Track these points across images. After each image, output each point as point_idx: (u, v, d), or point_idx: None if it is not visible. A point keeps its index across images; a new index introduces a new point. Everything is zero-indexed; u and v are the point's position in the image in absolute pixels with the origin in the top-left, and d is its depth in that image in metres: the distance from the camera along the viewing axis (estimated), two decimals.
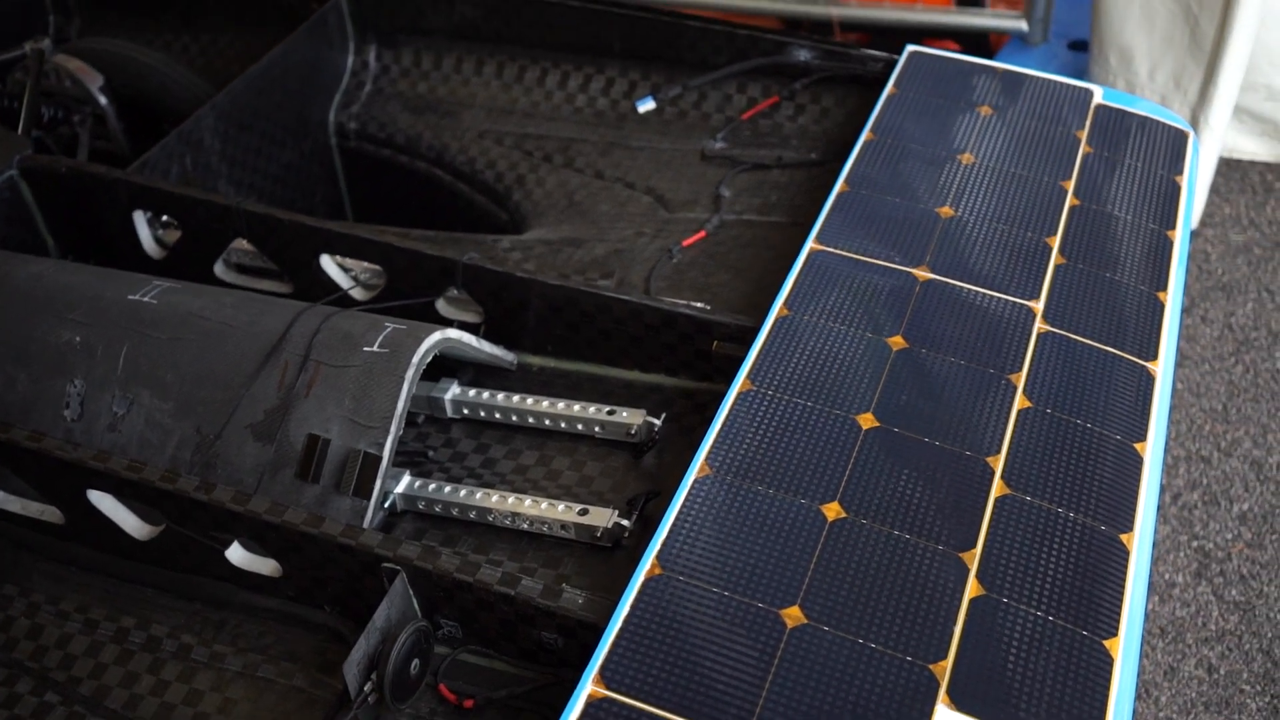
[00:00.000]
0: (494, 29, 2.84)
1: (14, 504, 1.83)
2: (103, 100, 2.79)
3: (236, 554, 1.66)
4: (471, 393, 1.92)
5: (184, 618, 1.69)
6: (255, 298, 1.92)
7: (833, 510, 1.49)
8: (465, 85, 2.88)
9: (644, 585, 1.40)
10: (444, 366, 1.93)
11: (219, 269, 2.24)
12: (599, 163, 2.61)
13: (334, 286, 2.12)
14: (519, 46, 2.85)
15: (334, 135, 2.95)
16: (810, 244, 1.91)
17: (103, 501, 1.71)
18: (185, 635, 1.66)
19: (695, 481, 1.52)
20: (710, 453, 1.55)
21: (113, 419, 1.85)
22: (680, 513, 1.48)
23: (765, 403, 1.63)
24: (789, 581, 1.40)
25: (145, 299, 1.91)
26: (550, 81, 2.81)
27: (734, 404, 1.62)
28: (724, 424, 1.59)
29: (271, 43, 2.98)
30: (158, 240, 2.30)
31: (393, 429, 1.72)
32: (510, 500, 1.71)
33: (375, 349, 1.76)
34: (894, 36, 3.76)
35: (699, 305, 1.90)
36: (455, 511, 1.74)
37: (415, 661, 1.49)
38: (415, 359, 1.75)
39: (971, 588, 1.40)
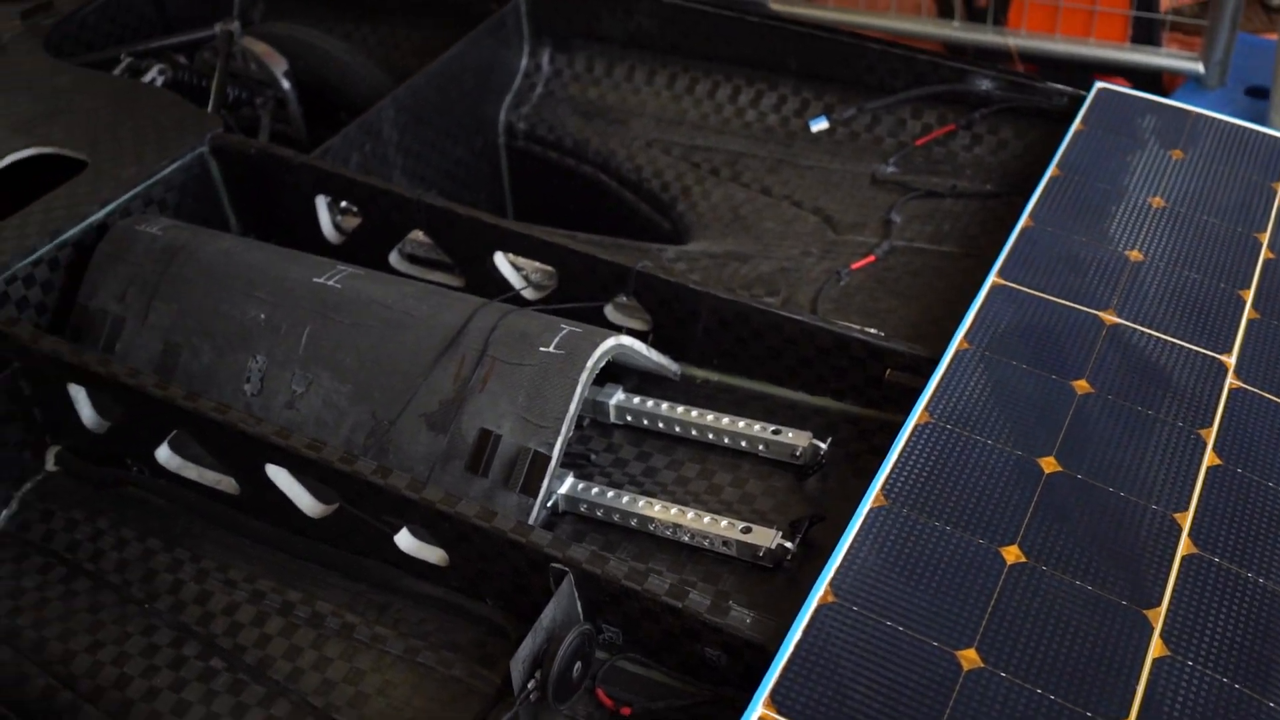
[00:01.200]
0: (669, 39, 2.86)
1: (192, 471, 1.89)
2: (285, 85, 2.87)
3: (405, 540, 1.69)
4: (636, 400, 1.93)
5: (348, 597, 1.72)
6: (435, 290, 1.96)
7: (1012, 553, 1.46)
8: (636, 93, 2.90)
9: (817, 612, 1.39)
10: (607, 371, 1.94)
11: (393, 258, 2.29)
12: (766, 179, 2.60)
13: (505, 284, 2.15)
14: (693, 58, 2.86)
15: (503, 134, 2.99)
16: (993, 278, 1.88)
17: (279, 476, 1.75)
18: (349, 614, 1.70)
19: (870, 511, 1.50)
20: (886, 483, 1.54)
21: (291, 397, 1.90)
22: (855, 542, 1.46)
23: (943, 437, 1.60)
24: (965, 623, 1.38)
25: (330, 283, 1.95)
26: (721, 95, 2.81)
27: (911, 435, 1.60)
28: (900, 455, 1.57)
29: (448, 39, 3.04)
30: (336, 226, 2.35)
31: (563, 430, 1.73)
32: (673, 511, 1.71)
33: (551, 350, 1.78)
34: (1064, 70, 3.68)
35: (872, 331, 1.88)
36: (616, 517, 1.75)
37: (578, 664, 1.50)
38: (590, 363, 1.76)
39: (1155, 647, 1.36)
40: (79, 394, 1.91)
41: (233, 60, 2.86)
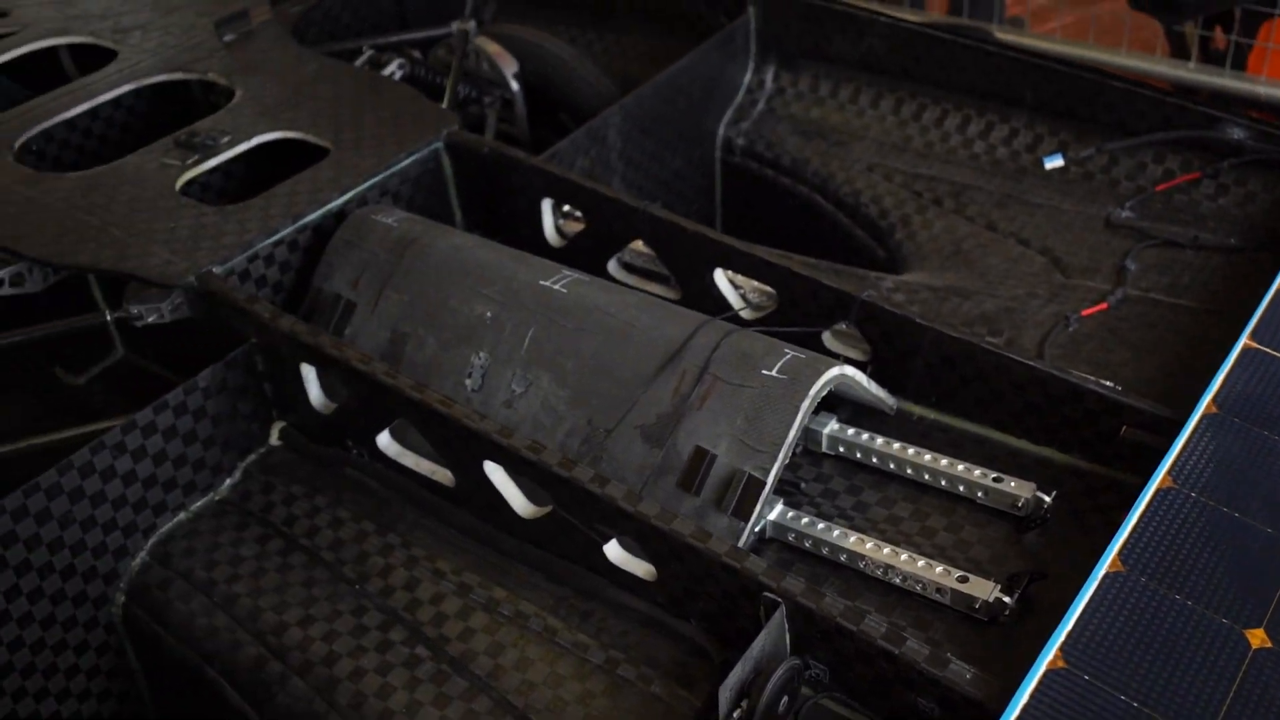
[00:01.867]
0: (899, 64, 2.81)
1: (410, 459, 1.93)
2: (514, 86, 2.92)
3: (615, 551, 1.70)
4: (850, 431, 1.89)
5: (552, 600, 1.74)
6: (658, 302, 1.96)
7: (1257, 637, 1.37)
8: (860, 116, 2.86)
9: (1046, 676, 1.33)
10: (820, 399, 1.91)
11: (612, 266, 2.30)
12: (992, 214, 2.53)
13: (722, 301, 2.14)
14: (922, 84, 2.80)
15: (720, 149, 2.99)
16: (1245, 340, 1.78)
17: (496, 474, 1.78)
18: (551, 618, 1.71)
19: (1106, 576, 1.43)
20: (1124, 548, 1.46)
21: (510, 396, 1.93)
22: (1089, 606, 1.40)
23: (1188, 505, 1.52)
24: (1204, 707, 1.30)
25: (556, 286, 1.98)
26: (950, 124, 2.75)
27: (1152, 500, 1.53)
28: (1140, 519, 1.50)
29: (672, 49, 3.06)
30: (558, 229, 2.38)
31: (781, 456, 1.71)
32: (885, 551, 1.67)
33: (774, 374, 1.76)
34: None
35: (1109, 384, 1.80)
36: (825, 551, 1.71)
37: (784, 698, 1.48)
38: (813, 391, 1.73)
39: None
40: (309, 374, 1.98)
41: (465, 59, 2.93)
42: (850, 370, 1.81)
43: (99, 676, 1.95)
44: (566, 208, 2.39)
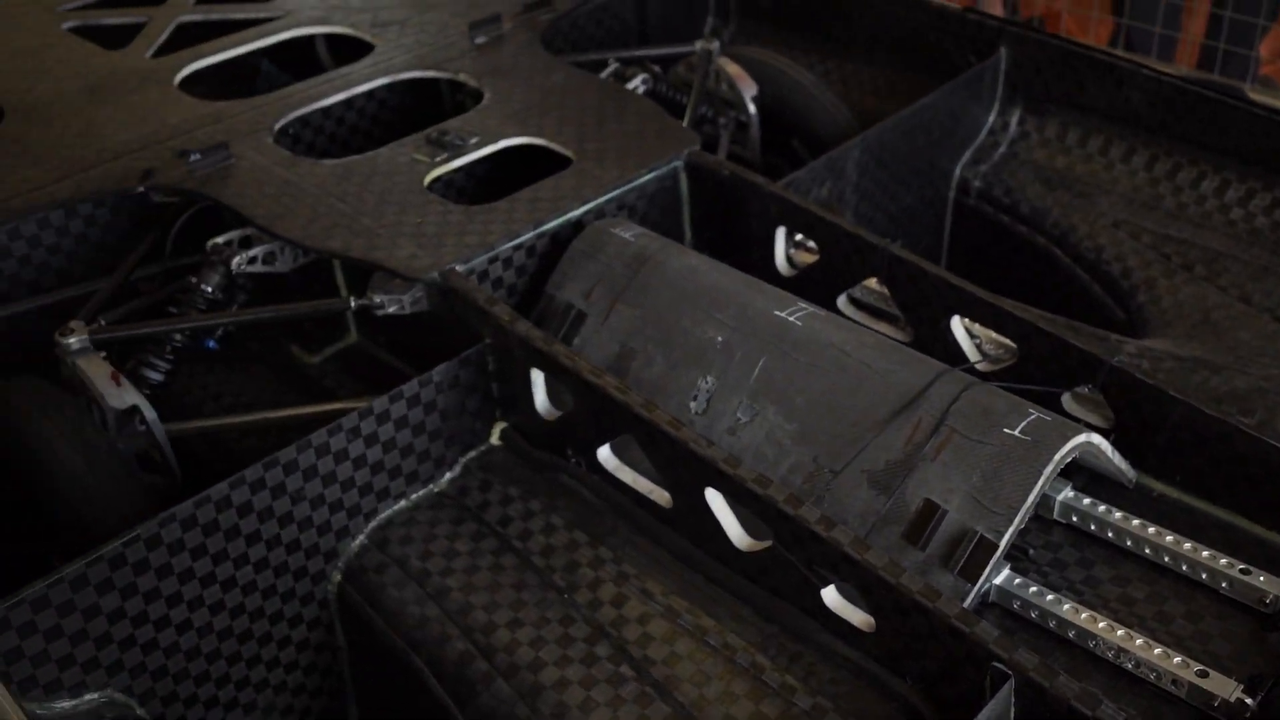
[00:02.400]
0: (1157, 119, 2.68)
1: (628, 475, 1.93)
2: (752, 109, 2.91)
3: (833, 596, 1.66)
4: (1085, 501, 1.81)
5: (761, 637, 1.71)
6: (896, 346, 1.91)
7: None
8: (1109, 169, 2.75)
9: None
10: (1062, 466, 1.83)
11: (841, 301, 2.27)
12: (1248, 286, 2.39)
13: (956, 349, 2.08)
14: (1179, 142, 2.67)
15: (955, 189, 2.91)
16: None
17: (716, 501, 1.76)
18: (759, 655, 1.68)
19: None
20: None
21: (734, 424, 1.91)
22: None
23: None
24: None
25: (791, 318, 1.95)
26: (1206, 186, 2.61)
27: None
28: None
29: (915, 84, 3.00)
30: (789, 258, 2.36)
31: (1016, 520, 1.64)
32: (1119, 633, 1.58)
33: (1016, 433, 1.69)
34: None
35: None
36: (1052, 624, 1.64)
37: None
38: (1057, 456, 1.66)
39: None
40: (538, 379, 2.00)
41: (706, 78, 2.93)
42: (1097, 439, 1.73)
43: (307, 650, 2.01)
44: (799, 237, 2.36)
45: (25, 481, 2.02)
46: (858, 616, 1.64)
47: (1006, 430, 1.70)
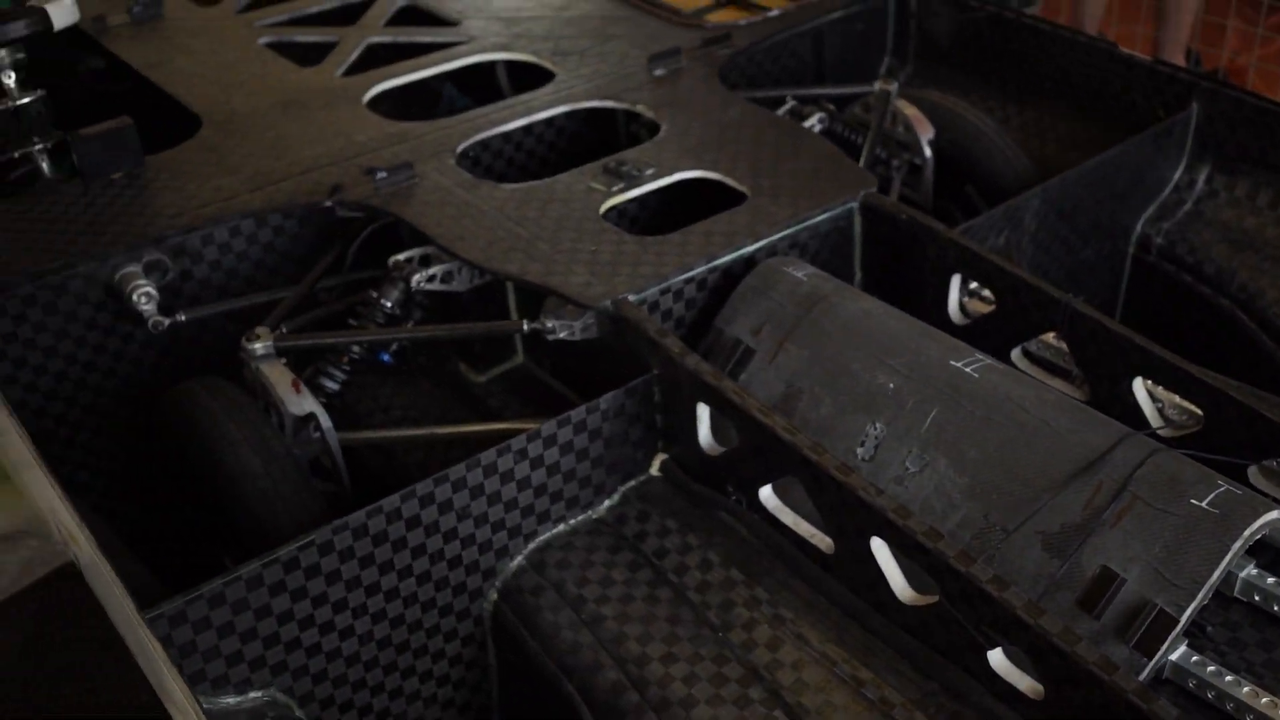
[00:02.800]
0: None
1: (789, 516, 1.91)
2: (927, 153, 2.87)
3: (999, 659, 1.61)
4: (1270, 580, 1.72)
5: (919, 694, 1.67)
6: (1077, 405, 1.86)
7: None
8: None
9: None
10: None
11: (1015, 354, 2.21)
12: None
13: (1136, 411, 2.01)
14: None
15: (1134, 245, 2.83)
16: None
17: (881, 551, 1.73)
18: (918, 712, 1.64)
19: None
20: None
21: (902, 473, 1.88)
22: None
23: None
24: None
25: (966, 369, 1.91)
26: None
27: None
28: None
29: (1097, 135, 2.92)
30: (961, 307, 2.31)
31: (1199, 595, 1.58)
32: None
33: (1204, 505, 1.62)
34: None
35: None
36: (1229, 706, 1.57)
37: None
38: (1246, 532, 1.59)
39: None
40: (703, 413, 2.00)
41: (883, 120, 2.90)
42: None
43: (459, 665, 2.03)
44: (974, 285, 2.32)
45: (206, 479, 2.10)
46: (1025, 682, 1.59)
47: (1193, 501, 1.63)
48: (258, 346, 2.18)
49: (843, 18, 3.27)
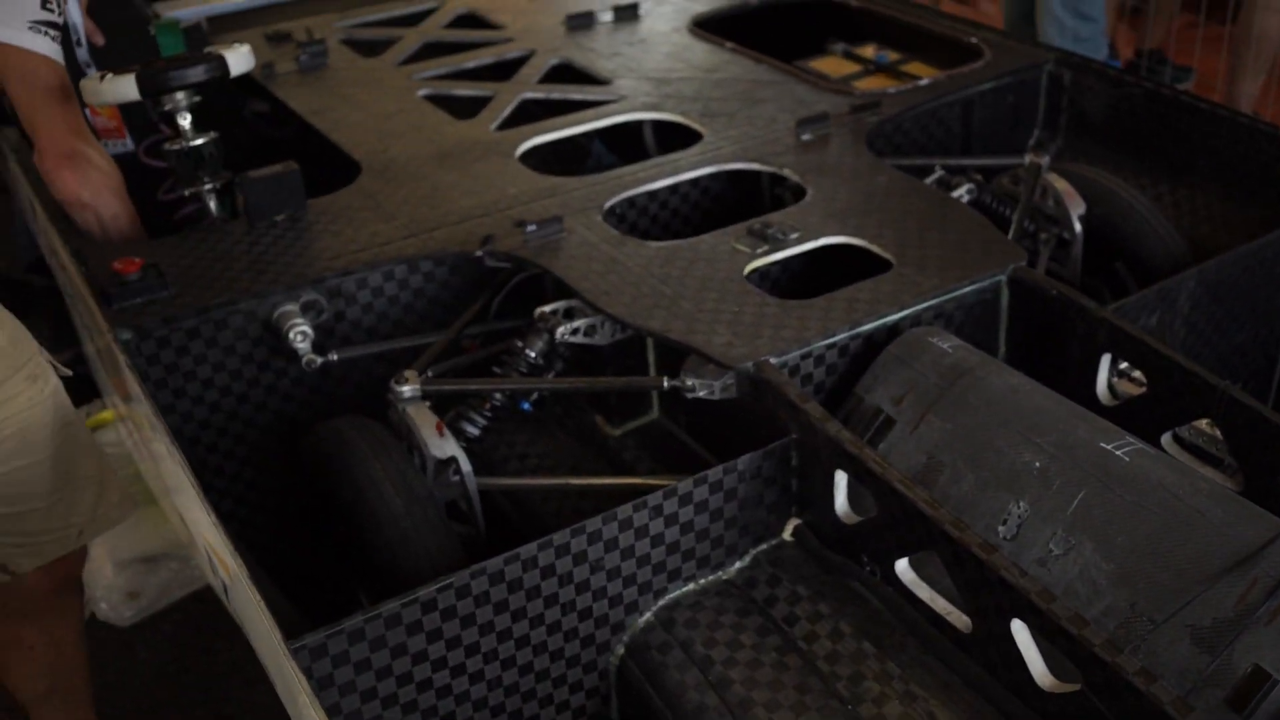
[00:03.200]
0: None
1: (925, 591, 1.88)
2: (1077, 228, 2.82)
3: None
4: None
5: None
6: (1233, 496, 1.80)
7: None
8: None
9: None
10: None
11: (1165, 439, 2.15)
12: None
13: None
14: None
15: None
16: None
17: (1022, 634, 1.69)
18: None
19: None
20: None
21: (1045, 555, 1.83)
22: None
23: None
24: None
25: (1117, 451, 1.87)
26: None
27: None
28: None
29: (1257, 219, 2.85)
30: (1110, 387, 2.26)
31: None
32: None
33: None
34: None
35: None
36: None
37: None
38: None
39: None
40: (841, 480, 1.98)
41: (1033, 193, 2.87)
42: None
43: (582, 717, 2.04)
44: (1124, 365, 2.27)
45: (347, 515, 2.15)
46: None
47: None
48: (406, 389, 2.23)
49: (993, 89, 3.25)
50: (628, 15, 3.79)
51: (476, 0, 4.03)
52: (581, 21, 3.74)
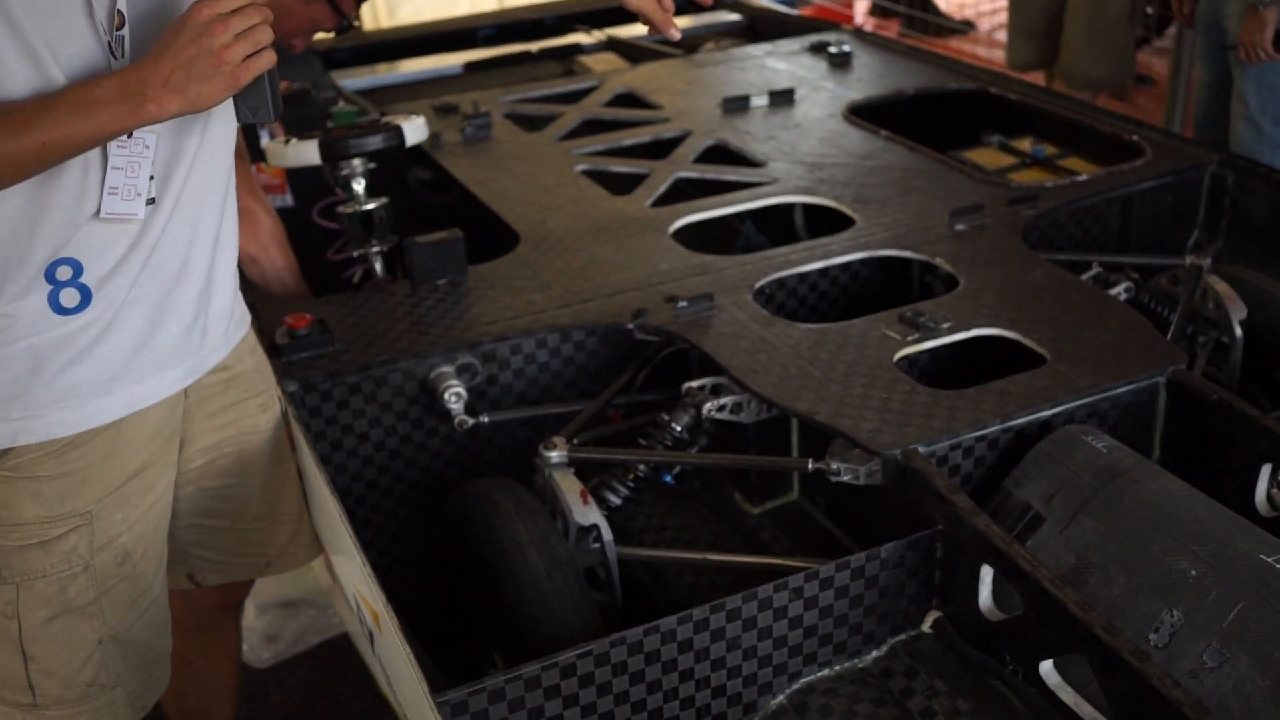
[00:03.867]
0: None
1: (1069, 695, 1.84)
2: (1238, 332, 2.75)
3: None
4: None
5: None
6: None
7: None
8: None
9: None
10: None
11: None
12: None
13: None
14: None
15: None
16: None
17: None
18: None
19: None
20: None
21: (1198, 666, 1.78)
22: None
23: None
24: None
25: (1278, 565, 1.81)
26: None
27: None
28: None
29: None
30: (1270, 498, 2.19)
31: None
32: None
33: None
34: None
35: None
36: None
37: None
38: None
39: None
40: (986, 575, 1.96)
41: (1193, 294, 2.81)
42: None
43: None
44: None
45: (489, 574, 2.20)
46: None
47: None
48: (553, 455, 2.28)
49: (1153, 188, 3.21)
50: (783, 100, 3.85)
51: (635, 81, 4.14)
52: (737, 105, 3.81)
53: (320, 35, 2.87)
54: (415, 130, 2.83)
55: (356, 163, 2.80)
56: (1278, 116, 4.39)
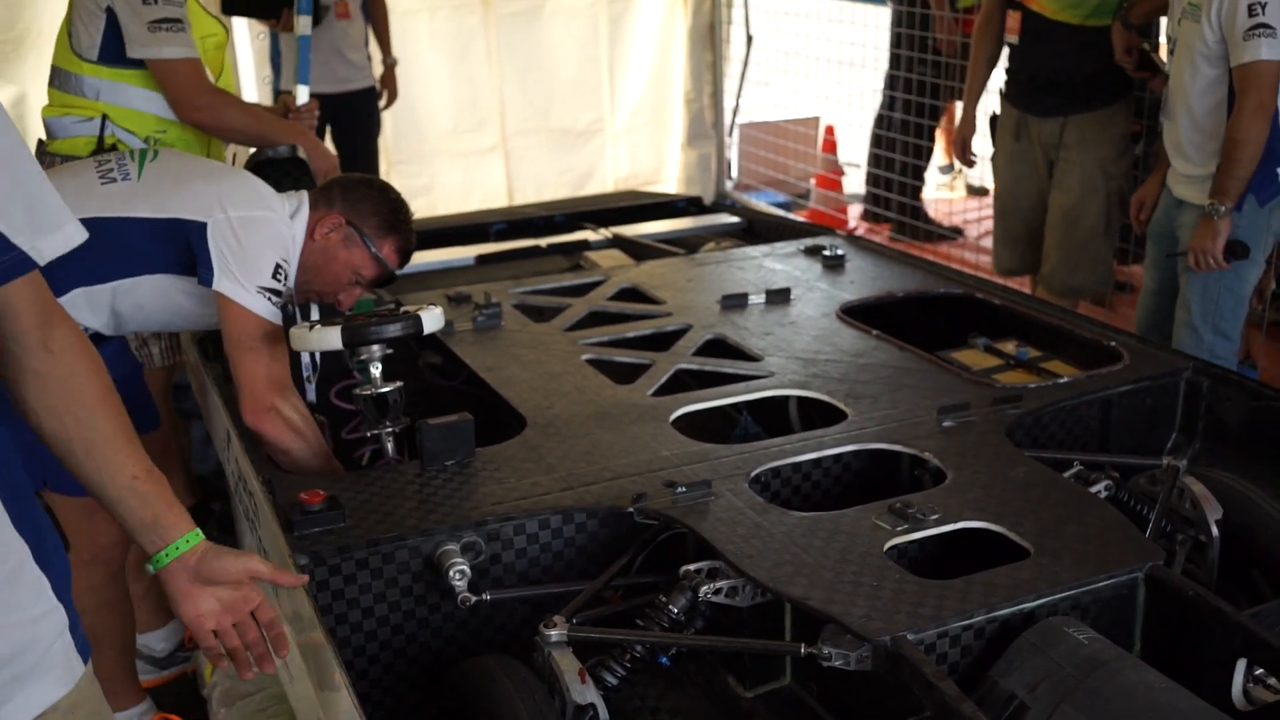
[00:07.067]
0: None
1: None
2: (1214, 531, 2.86)
3: None
4: None
5: None
6: None
7: None
8: None
9: None
10: None
11: None
12: None
13: None
14: None
15: None
16: None
17: None
18: None
19: None
20: None
21: None
22: None
23: None
24: None
25: None
26: None
27: None
28: None
29: None
30: (1245, 693, 2.26)
31: None
32: None
33: None
34: None
35: None
36: None
37: None
38: None
39: None
40: None
41: (1170, 494, 2.92)
42: None
43: None
44: (1260, 672, 2.27)
45: None
46: None
47: None
48: (553, 634, 2.35)
49: (1131, 391, 3.36)
50: (779, 299, 4.05)
51: (639, 276, 4.35)
52: (735, 302, 4.00)
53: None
54: (433, 319, 2.99)
55: (375, 348, 2.96)
56: (1217, 326, 4.51)
